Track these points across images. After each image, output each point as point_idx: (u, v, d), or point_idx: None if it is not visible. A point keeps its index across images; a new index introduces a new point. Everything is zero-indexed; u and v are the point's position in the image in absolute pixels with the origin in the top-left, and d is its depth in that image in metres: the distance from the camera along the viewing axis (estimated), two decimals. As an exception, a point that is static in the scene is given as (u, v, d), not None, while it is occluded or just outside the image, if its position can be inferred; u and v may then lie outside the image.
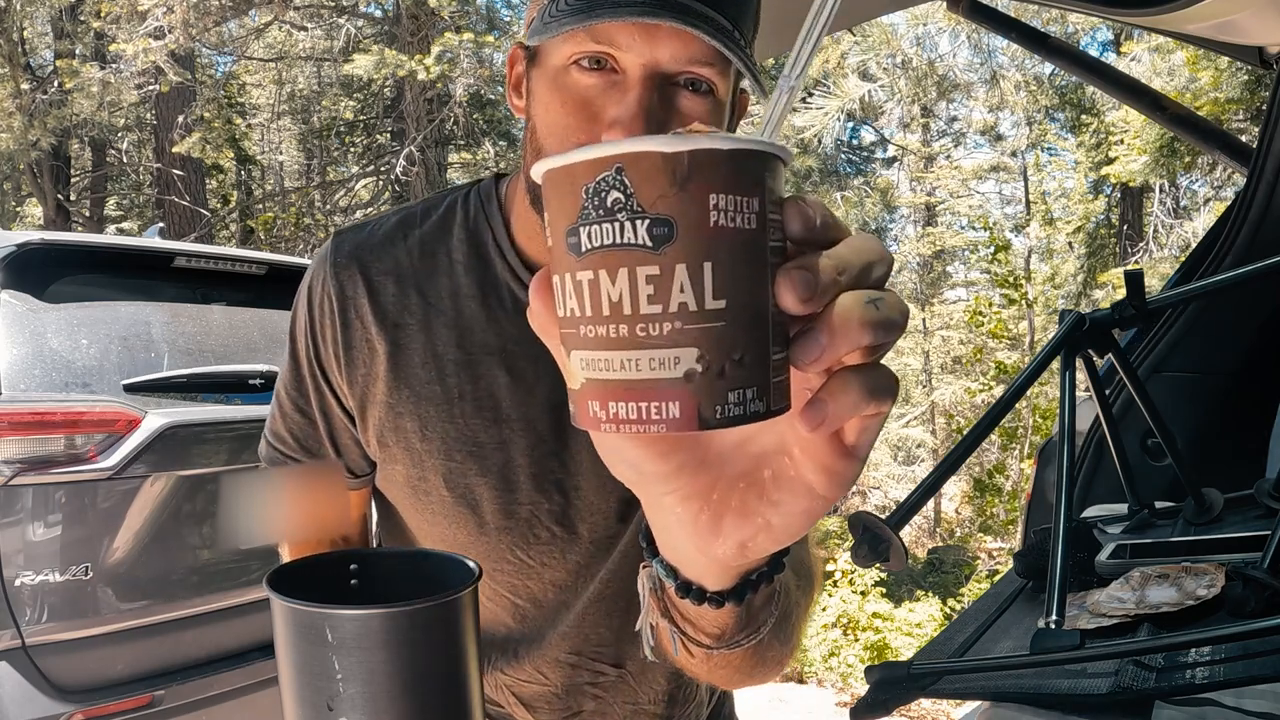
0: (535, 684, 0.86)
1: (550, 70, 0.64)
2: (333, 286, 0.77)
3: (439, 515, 0.80)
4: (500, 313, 0.76)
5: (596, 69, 0.62)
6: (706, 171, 0.28)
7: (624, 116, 0.60)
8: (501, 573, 0.82)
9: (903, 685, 0.93)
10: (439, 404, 0.76)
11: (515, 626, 0.84)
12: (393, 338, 0.76)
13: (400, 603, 0.96)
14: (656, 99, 0.61)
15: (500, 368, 0.76)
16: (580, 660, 0.85)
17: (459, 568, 1.11)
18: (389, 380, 0.77)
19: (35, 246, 2.25)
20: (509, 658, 0.85)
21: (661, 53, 0.60)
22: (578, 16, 0.58)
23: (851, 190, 11.02)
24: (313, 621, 0.94)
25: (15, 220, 12.67)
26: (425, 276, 0.77)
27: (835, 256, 0.31)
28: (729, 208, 0.29)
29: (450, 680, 0.99)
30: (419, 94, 8.59)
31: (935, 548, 7.99)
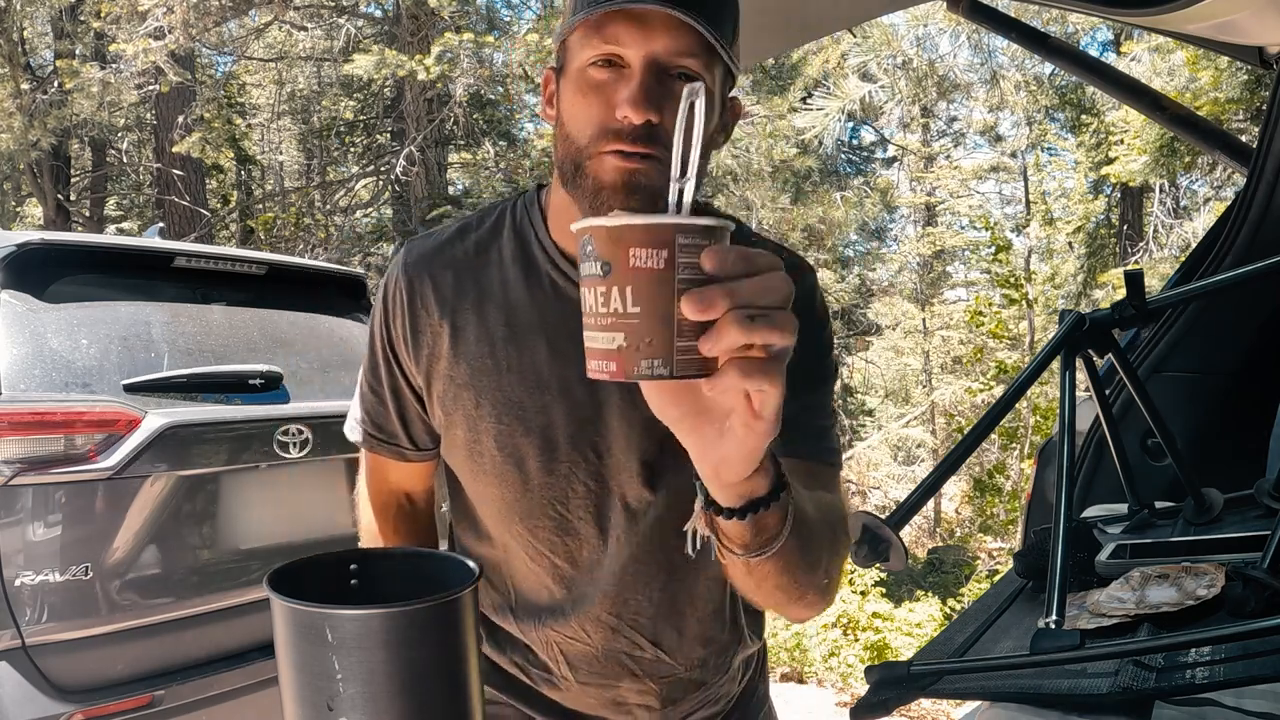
0: (580, 642, 0.96)
1: (573, 73, 0.79)
2: (403, 283, 0.93)
3: (490, 475, 0.92)
4: (541, 295, 0.90)
5: (607, 66, 0.76)
6: (627, 237, 0.51)
7: (629, 97, 0.73)
8: (543, 529, 0.93)
9: (903, 685, 0.93)
10: (490, 374, 0.90)
11: (556, 586, 0.95)
12: (452, 321, 0.91)
13: (400, 603, 0.96)
14: (654, 82, 0.74)
15: (542, 342, 0.89)
16: (620, 625, 0.95)
17: (459, 568, 1.11)
18: (450, 356, 0.92)
19: (35, 246, 2.25)
20: (557, 616, 0.95)
21: (657, 46, 0.74)
22: (591, 9, 0.74)
23: (851, 190, 11.01)
24: (313, 621, 0.95)
25: (15, 220, 12.67)
26: (479, 269, 0.92)
27: (730, 285, 0.50)
28: (642, 255, 0.50)
29: (450, 680, 0.99)
30: (419, 94, 8.59)
31: (935, 548, 7.98)
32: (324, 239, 10.16)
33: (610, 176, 0.76)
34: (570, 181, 0.80)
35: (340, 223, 10.34)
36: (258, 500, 2.34)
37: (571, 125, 0.79)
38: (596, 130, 0.76)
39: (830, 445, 0.89)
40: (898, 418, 10.91)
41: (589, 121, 0.77)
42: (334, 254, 9.65)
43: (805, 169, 9.31)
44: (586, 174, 0.77)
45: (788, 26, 1.97)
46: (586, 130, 0.77)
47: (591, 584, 0.94)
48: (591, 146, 0.77)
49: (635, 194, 0.76)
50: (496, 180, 8.29)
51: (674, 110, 0.61)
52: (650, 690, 0.98)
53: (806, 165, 9.23)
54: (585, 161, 0.77)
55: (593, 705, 1.00)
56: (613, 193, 0.76)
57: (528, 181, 8.31)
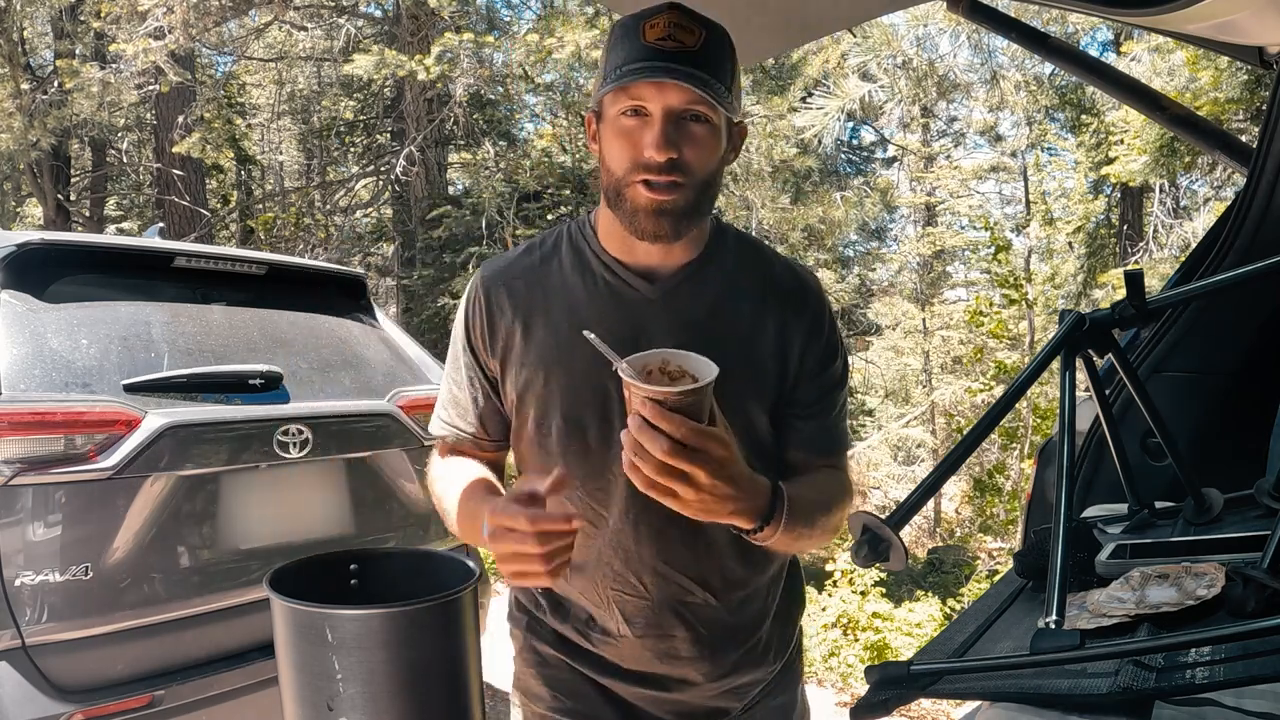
0: (637, 596, 1.11)
1: (609, 121, 1.03)
2: (480, 294, 1.15)
3: (556, 446, 1.10)
4: (596, 293, 1.11)
5: (634, 116, 1.01)
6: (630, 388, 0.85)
7: (653, 141, 0.99)
8: (602, 491, 1.10)
9: (903, 685, 0.93)
10: (556, 359, 1.09)
11: (612, 546, 1.11)
12: (525, 319, 1.11)
13: (400, 603, 0.96)
14: (671, 128, 0.99)
15: (599, 330, 1.01)
16: (670, 572, 1.11)
17: (459, 568, 1.11)
18: (522, 347, 1.11)
19: (35, 246, 2.24)
20: (616, 574, 1.11)
21: (670, 99, 0.99)
22: (620, 80, 0.98)
23: (851, 190, 11.01)
24: (313, 621, 0.95)
25: (15, 220, 12.67)
26: (545, 276, 1.14)
27: None
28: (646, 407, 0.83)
29: (450, 680, 0.99)
30: (419, 94, 8.59)
31: (935, 548, 7.98)
32: (324, 239, 10.16)
33: (643, 202, 1.01)
34: (613, 204, 1.05)
35: (340, 223, 10.34)
36: (258, 500, 2.34)
37: (611, 161, 1.03)
38: (630, 165, 1.01)
39: (839, 442, 1.19)
40: (898, 418, 10.91)
41: (623, 159, 1.01)
42: (334, 254, 9.65)
43: (805, 169, 9.31)
44: (625, 199, 1.03)
45: (788, 26, 1.97)
46: (622, 165, 1.02)
47: (643, 538, 1.10)
48: (626, 177, 1.02)
49: (664, 215, 1.01)
50: (496, 180, 8.28)
51: (690, 145, 0.99)
52: (701, 639, 1.13)
53: (806, 165, 9.22)
54: (624, 189, 1.02)
55: (648, 660, 1.14)
56: (646, 214, 1.02)
57: (528, 181, 8.31)
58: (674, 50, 0.98)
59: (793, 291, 1.14)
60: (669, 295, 1.10)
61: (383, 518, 2.63)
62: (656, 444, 0.83)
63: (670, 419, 0.83)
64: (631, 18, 1.02)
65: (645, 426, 0.83)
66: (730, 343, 1.07)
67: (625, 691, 1.17)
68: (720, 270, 1.13)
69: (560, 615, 1.19)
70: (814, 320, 1.14)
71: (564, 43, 7.59)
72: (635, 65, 0.98)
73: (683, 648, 1.13)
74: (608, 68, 1.02)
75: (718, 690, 1.18)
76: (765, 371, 1.11)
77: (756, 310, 1.12)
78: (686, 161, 1.00)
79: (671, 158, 0.98)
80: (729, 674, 1.17)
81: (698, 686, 1.17)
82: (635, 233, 1.04)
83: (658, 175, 0.99)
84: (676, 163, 0.99)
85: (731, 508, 0.91)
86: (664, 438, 0.83)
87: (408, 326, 7.91)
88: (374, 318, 3.03)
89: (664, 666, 1.15)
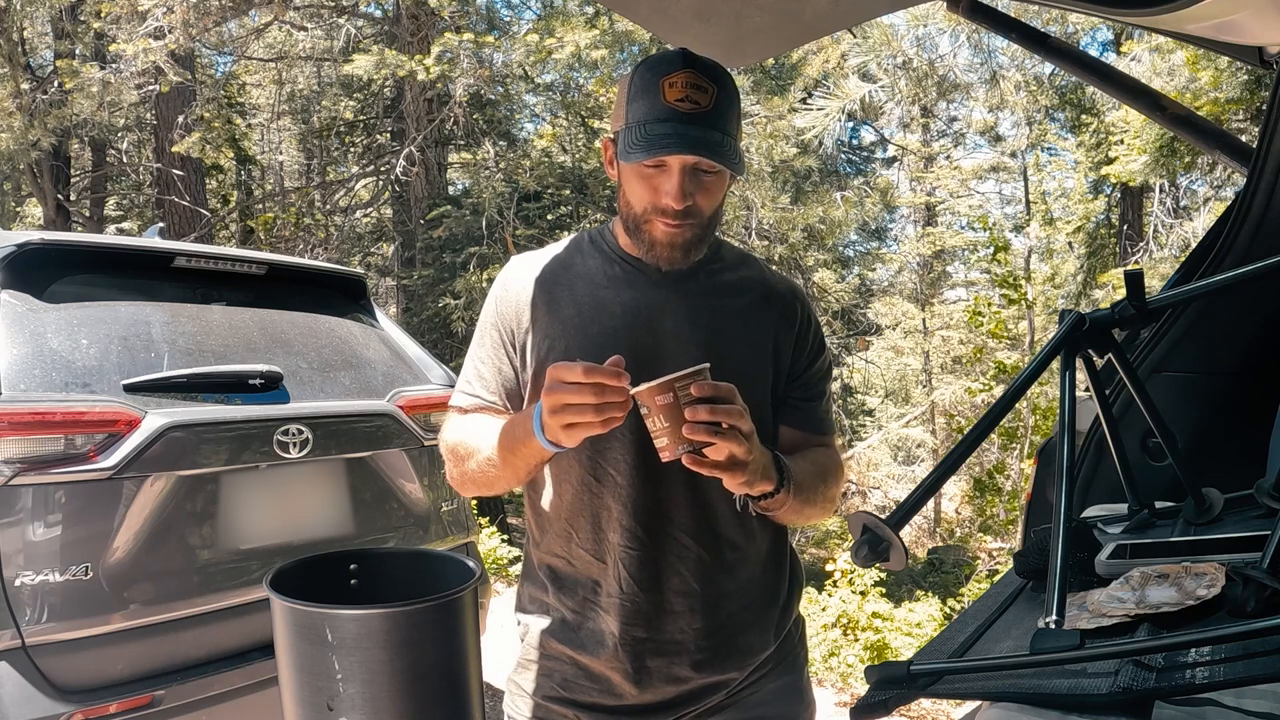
0: (638, 549, 1.21)
1: (631, 167, 1.17)
2: (512, 279, 1.29)
3: None
4: (614, 275, 1.26)
5: (655, 167, 1.15)
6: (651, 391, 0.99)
7: (672, 192, 1.14)
8: (611, 450, 1.21)
9: (903, 685, 0.93)
10: (578, 328, 1.22)
11: (617, 501, 1.21)
12: (551, 294, 1.26)
13: (400, 603, 0.96)
14: (688, 180, 1.14)
15: (617, 306, 1.23)
16: (670, 525, 1.21)
17: (459, 568, 1.11)
18: (547, 319, 1.24)
19: (35, 246, 2.24)
20: (622, 528, 1.21)
21: (688, 159, 1.13)
22: (648, 153, 1.11)
23: (851, 190, 11.01)
24: (313, 621, 0.95)
25: (15, 220, 12.67)
26: (570, 264, 1.29)
27: (709, 405, 1.00)
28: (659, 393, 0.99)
29: (450, 680, 0.99)
30: (419, 94, 8.59)
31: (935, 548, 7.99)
32: (324, 239, 10.17)
33: (660, 235, 1.17)
34: (632, 234, 1.21)
35: (340, 223, 10.34)
36: (258, 500, 2.34)
37: (632, 198, 1.18)
38: (649, 207, 1.16)
39: (828, 424, 1.34)
40: (898, 418, 10.91)
41: (643, 200, 1.17)
42: (334, 254, 9.66)
43: (805, 169, 9.31)
44: (644, 232, 1.18)
45: (788, 26, 1.97)
46: (642, 205, 1.17)
47: (647, 491, 1.20)
48: (645, 215, 1.17)
49: (677, 248, 1.18)
50: (496, 180, 8.28)
51: (701, 193, 1.16)
52: (693, 592, 1.22)
53: (806, 165, 9.22)
54: (643, 224, 1.18)
55: (647, 616, 1.21)
56: (662, 245, 1.18)
57: (528, 181, 8.31)
58: (691, 112, 1.12)
59: (784, 294, 1.32)
60: (680, 279, 1.24)
61: (383, 518, 2.63)
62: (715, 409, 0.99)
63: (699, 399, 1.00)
64: (650, 70, 1.15)
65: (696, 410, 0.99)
66: (734, 326, 1.25)
67: (624, 674, 1.22)
68: (722, 269, 1.30)
69: (567, 591, 1.26)
70: (804, 319, 1.32)
71: (564, 43, 7.60)
72: (658, 130, 1.11)
73: (678, 601, 1.22)
74: (630, 117, 1.15)
75: (713, 656, 1.24)
76: (765, 355, 1.27)
77: (756, 304, 1.28)
78: (698, 207, 1.16)
79: (687, 206, 1.14)
80: (722, 636, 1.24)
81: (694, 652, 1.23)
82: (651, 257, 1.21)
83: (673, 219, 1.15)
84: (690, 208, 1.15)
85: (760, 469, 1.08)
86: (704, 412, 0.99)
87: (408, 326, 7.91)
88: (374, 318, 3.02)
89: (662, 624, 1.22)
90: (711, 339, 1.22)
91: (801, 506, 1.19)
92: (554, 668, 1.26)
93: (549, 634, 1.26)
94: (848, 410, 11.03)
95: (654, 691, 1.22)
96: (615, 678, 1.22)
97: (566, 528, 1.24)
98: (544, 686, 1.26)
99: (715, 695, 1.25)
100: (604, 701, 1.24)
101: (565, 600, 1.26)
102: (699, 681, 1.23)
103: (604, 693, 1.23)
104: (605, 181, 8.44)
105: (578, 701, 1.24)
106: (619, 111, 1.19)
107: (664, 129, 1.10)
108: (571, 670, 1.25)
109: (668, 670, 1.22)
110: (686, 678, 1.23)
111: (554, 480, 1.25)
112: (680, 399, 0.96)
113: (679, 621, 1.22)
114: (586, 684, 1.24)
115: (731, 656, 1.25)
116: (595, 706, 1.24)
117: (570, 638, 1.24)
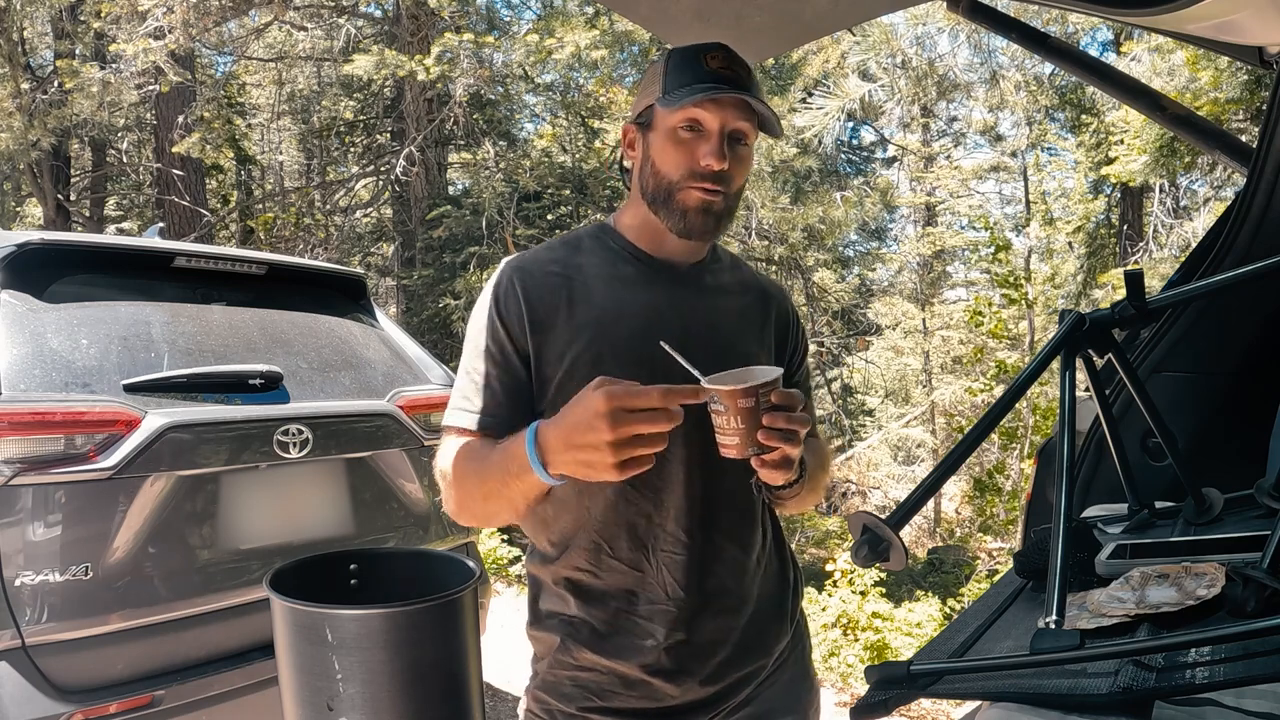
0: (684, 554, 1.20)
1: (664, 130, 1.17)
2: (516, 279, 1.22)
3: None
4: (629, 273, 1.25)
5: (690, 130, 1.15)
6: (735, 392, 0.99)
7: (712, 151, 1.14)
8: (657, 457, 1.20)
9: (903, 685, 0.93)
10: (594, 322, 1.20)
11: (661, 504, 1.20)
12: (566, 295, 1.21)
13: (400, 603, 0.96)
14: (724, 143, 1.15)
15: (631, 302, 1.22)
16: (713, 530, 1.22)
17: (459, 568, 1.11)
18: (566, 324, 1.20)
19: (35, 246, 2.24)
20: (667, 534, 1.20)
21: (727, 116, 1.15)
22: (697, 95, 1.12)
23: (851, 190, 11.01)
24: (313, 621, 0.95)
25: (15, 220, 12.66)
26: (577, 263, 1.25)
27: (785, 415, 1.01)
28: (743, 396, 0.99)
29: (450, 680, 0.99)
30: (419, 94, 8.59)
31: (935, 548, 7.98)
32: (324, 239, 10.17)
33: (695, 204, 1.16)
34: (660, 204, 1.18)
35: (340, 223, 10.34)
36: (258, 500, 2.34)
37: (663, 165, 1.17)
38: (685, 172, 1.15)
39: (814, 417, 1.35)
40: (898, 418, 10.91)
41: (679, 166, 1.15)
42: (334, 254, 9.66)
43: (805, 169, 9.31)
44: (676, 200, 1.17)
45: (788, 26, 1.97)
46: (677, 172, 1.16)
47: (694, 497, 1.20)
48: (681, 182, 1.15)
49: (710, 215, 1.17)
50: (496, 180, 8.28)
51: (735, 161, 1.16)
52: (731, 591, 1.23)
53: (806, 165, 9.22)
54: (676, 192, 1.16)
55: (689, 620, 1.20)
56: (696, 214, 1.17)
57: (528, 181, 8.31)
58: (734, 78, 1.15)
59: (775, 294, 1.38)
60: (690, 277, 1.27)
61: (383, 518, 2.63)
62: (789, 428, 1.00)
63: (775, 406, 1.01)
64: (689, 49, 1.17)
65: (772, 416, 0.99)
66: (743, 325, 1.29)
67: (666, 678, 1.21)
68: (722, 270, 1.33)
69: (595, 603, 1.22)
70: (794, 319, 1.38)
71: (564, 43, 7.60)
72: (704, 85, 1.13)
73: (716, 601, 1.23)
74: (669, 85, 1.15)
75: (746, 651, 1.26)
76: (767, 353, 1.32)
77: (756, 304, 1.33)
78: (731, 175, 1.16)
79: (724, 169, 1.14)
80: (753, 630, 1.27)
81: (730, 649, 1.24)
82: (681, 229, 1.19)
83: (710, 183, 1.15)
84: (723, 174, 1.15)
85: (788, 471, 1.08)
86: (782, 419, 1.00)
87: (408, 326, 7.91)
88: (374, 318, 3.02)
89: (701, 625, 1.22)
90: (728, 337, 1.24)
91: (806, 495, 1.24)
92: (587, 678, 1.22)
93: (580, 644, 1.22)
94: (848, 410, 11.03)
95: (693, 692, 1.22)
96: (656, 681, 1.20)
97: (595, 541, 1.20)
98: (578, 698, 1.22)
99: (745, 688, 1.26)
100: (644, 706, 1.21)
101: (594, 611, 1.22)
102: (734, 676, 1.25)
103: (644, 698, 1.21)
104: (605, 181, 8.43)
105: (616, 709, 1.21)
106: (649, 89, 1.19)
107: (709, 85, 1.13)
108: (608, 679, 1.21)
109: (705, 670, 1.22)
110: (722, 675, 1.23)
111: (574, 496, 1.20)
112: (760, 404, 0.99)
113: (717, 620, 1.23)
114: (624, 691, 1.21)
115: (759, 649, 1.27)
116: (635, 712, 1.21)
117: (602, 646, 1.21)
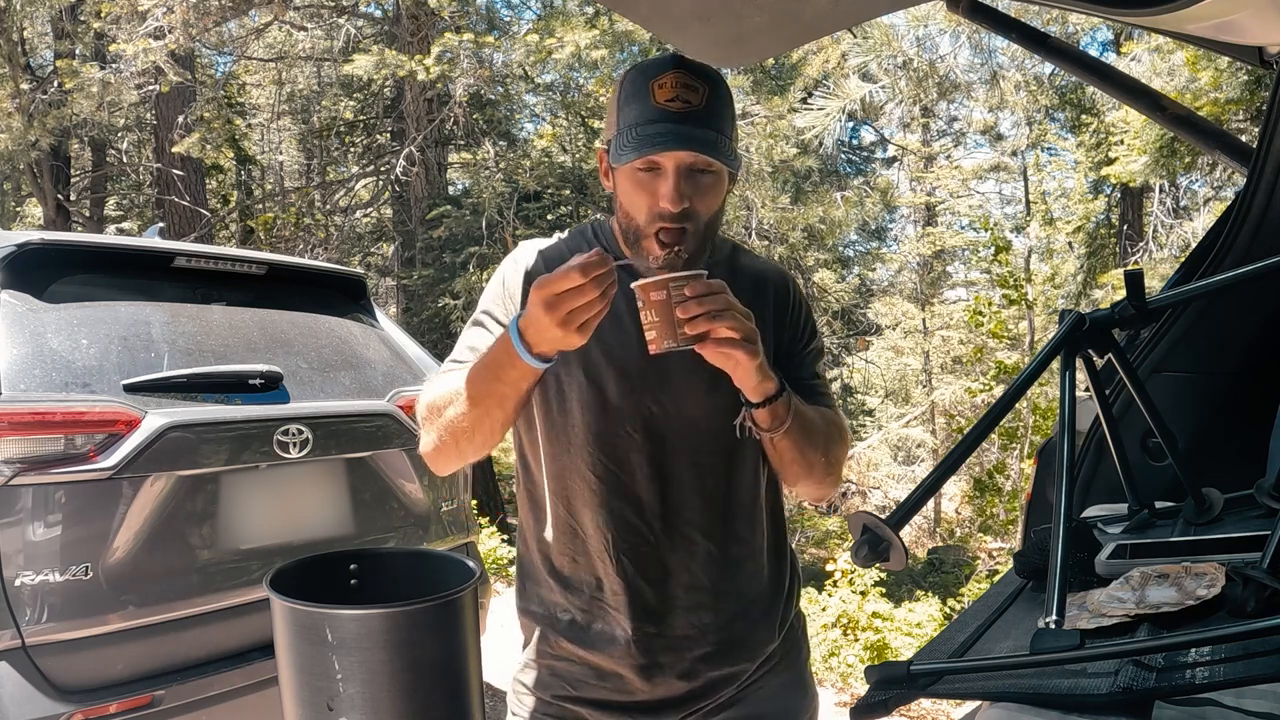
0: (646, 546, 1.21)
1: (624, 171, 1.15)
2: (522, 259, 1.26)
3: (575, 403, 1.21)
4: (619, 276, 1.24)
5: (649, 171, 1.12)
6: (648, 288, 1.05)
7: (667, 194, 1.11)
8: (620, 445, 1.21)
9: (903, 685, 0.93)
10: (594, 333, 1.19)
11: (622, 499, 1.20)
12: None
13: (400, 603, 0.96)
14: (682, 181, 1.11)
15: (620, 297, 1.14)
16: (679, 521, 1.22)
17: (459, 568, 1.11)
18: None
19: (35, 246, 2.24)
20: (629, 526, 1.21)
21: (683, 157, 1.11)
22: (639, 151, 1.10)
23: (851, 190, 11.01)
24: (313, 621, 0.95)
25: (15, 220, 12.66)
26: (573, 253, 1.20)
27: (700, 300, 1.04)
28: (657, 294, 1.05)
29: (450, 680, 0.99)
30: (419, 94, 8.58)
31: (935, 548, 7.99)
32: (324, 239, 10.17)
33: (659, 253, 1.14)
34: (632, 246, 1.18)
35: (340, 223, 10.34)
36: (258, 500, 2.34)
37: (629, 208, 1.16)
38: (647, 217, 1.13)
39: (830, 397, 1.32)
40: (898, 418, 10.91)
41: (641, 208, 1.14)
42: (334, 254, 9.65)
43: (805, 169, 9.30)
44: (642, 248, 1.16)
45: (788, 26, 1.96)
46: (641, 215, 1.14)
47: (656, 487, 1.21)
48: (645, 228, 1.14)
49: (678, 258, 1.15)
50: (496, 180, 8.28)
51: (698, 195, 1.13)
52: (702, 587, 1.22)
53: (806, 165, 9.22)
54: (641, 240, 1.15)
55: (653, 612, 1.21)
56: (663, 261, 1.14)
57: (528, 181, 8.31)
58: (682, 111, 1.10)
59: (774, 277, 1.36)
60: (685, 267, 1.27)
61: (383, 518, 2.63)
62: (704, 302, 1.02)
63: (699, 284, 1.03)
64: (640, 74, 1.13)
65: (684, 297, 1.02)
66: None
67: (636, 671, 1.22)
68: (719, 262, 1.31)
69: (573, 590, 1.25)
70: (796, 300, 1.35)
71: (564, 43, 7.59)
72: (649, 130, 1.09)
73: (687, 596, 1.22)
74: (621, 123, 1.13)
75: (724, 650, 1.24)
76: (766, 342, 1.28)
77: (751, 291, 1.29)
78: (695, 211, 1.13)
79: (685, 209, 1.12)
80: (732, 631, 1.25)
81: (705, 647, 1.23)
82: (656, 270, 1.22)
83: (672, 222, 1.12)
84: (687, 212, 1.12)
85: (765, 364, 1.10)
86: (702, 287, 1.03)
87: (408, 326, 7.91)
88: (374, 318, 3.02)
89: (672, 620, 1.22)
90: None
91: (802, 440, 1.18)
92: (563, 668, 1.25)
93: (558, 634, 1.25)
94: (848, 410, 11.03)
95: (665, 687, 1.22)
96: (627, 674, 1.22)
97: (569, 526, 1.23)
98: (553, 686, 1.26)
99: (726, 689, 1.25)
100: (615, 699, 1.24)
101: (573, 600, 1.25)
102: (710, 675, 1.24)
103: (615, 690, 1.23)
104: (605, 181, 8.41)
105: (588, 699, 1.24)
106: (610, 120, 1.17)
107: (655, 129, 1.09)
108: (581, 669, 1.24)
109: (679, 665, 1.22)
110: (698, 672, 1.23)
111: (553, 479, 1.24)
112: (673, 297, 1.01)
113: (689, 617, 1.22)
114: (596, 683, 1.24)
115: (741, 650, 1.26)
116: (606, 704, 1.24)
117: (580, 637, 1.24)
